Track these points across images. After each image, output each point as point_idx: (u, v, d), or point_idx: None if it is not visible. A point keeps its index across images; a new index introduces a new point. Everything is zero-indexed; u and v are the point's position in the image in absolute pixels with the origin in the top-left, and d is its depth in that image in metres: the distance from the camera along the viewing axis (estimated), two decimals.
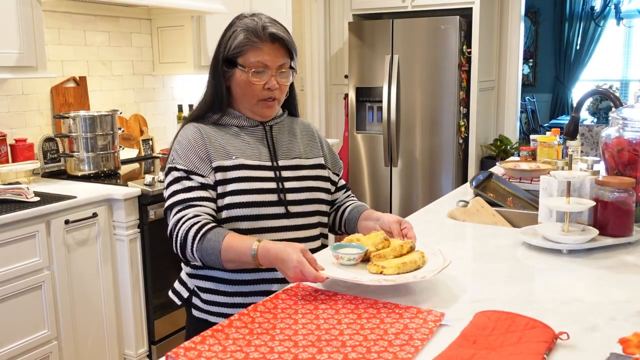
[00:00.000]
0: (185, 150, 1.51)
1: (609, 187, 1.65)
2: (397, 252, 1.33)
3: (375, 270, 1.28)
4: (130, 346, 2.67)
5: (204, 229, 1.41)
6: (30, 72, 2.51)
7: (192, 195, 1.46)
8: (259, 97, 1.53)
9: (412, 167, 4.86)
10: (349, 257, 1.31)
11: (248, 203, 1.48)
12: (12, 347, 2.20)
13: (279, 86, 1.53)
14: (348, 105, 5.06)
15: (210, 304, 1.55)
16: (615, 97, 2.15)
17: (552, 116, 8.69)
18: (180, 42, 3.39)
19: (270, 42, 1.50)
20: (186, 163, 1.49)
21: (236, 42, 1.51)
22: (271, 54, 1.50)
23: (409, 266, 1.28)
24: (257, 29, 1.50)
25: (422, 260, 1.32)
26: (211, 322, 1.53)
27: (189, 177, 1.48)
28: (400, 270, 1.27)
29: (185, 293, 1.61)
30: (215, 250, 1.39)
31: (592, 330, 1.13)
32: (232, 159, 1.51)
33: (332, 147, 1.76)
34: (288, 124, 1.66)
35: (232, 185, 1.49)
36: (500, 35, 5.04)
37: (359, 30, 4.88)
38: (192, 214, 1.44)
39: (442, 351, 1.03)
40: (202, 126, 1.55)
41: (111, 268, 2.58)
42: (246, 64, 1.51)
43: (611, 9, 8.04)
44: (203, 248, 1.40)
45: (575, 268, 1.51)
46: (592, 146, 5.71)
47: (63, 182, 2.79)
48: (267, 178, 1.53)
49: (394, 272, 1.26)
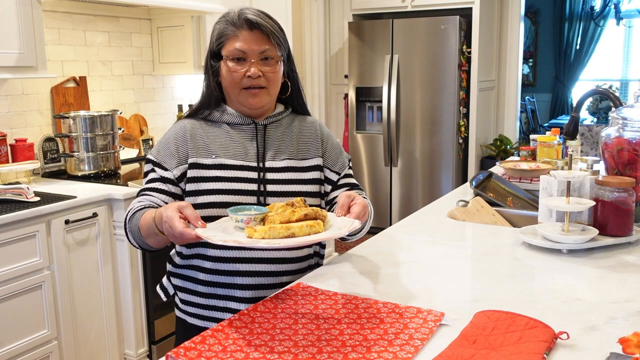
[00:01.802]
0: (162, 143, 1.50)
1: (609, 187, 1.65)
2: (284, 217, 1.20)
3: (248, 234, 1.16)
4: (130, 346, 2.67)
5: (133, 211, 1.40)
6: (31, 72, 2.51)
7: (148, 186, 1.46)
8: (241, 85, 1.47)
9: (412, 167, 4.86)
10: (237, 219, 1.20)
11: (222, 204, 1.43)
12: (12, 346, 2.20)
13: (263, 74, 1.46)
14: (348, 105, 5.07)
15: (187, 304, 1.52)
16: (615, 97, 2.15)
17: (552, 116, 8.69)
18: (180, 42, 3.39)
19: (248, 29, 1.45)
20: (157, 155, 1.49)
21: (216, 34, 1.50)
22: (248, 40, 1.45)
23: (278, 232, 1.14)
24: (234, 17, 1.47)
25: (308, 229, 1.16)
26: (189, 323, 1.51)
27: (153, 169, 1.48)
28: (265, 235, 1.14)
29: (172, 290, 1.58)
30: (136, 227, 1.37)
31: (592, 329, 1.14)
32: (212, 158, 1.47)
33: (341, 147, 1.66)
34: (287, 123, 1.58)
35: (207, 185, 1.45)
36: (500, 35, 5.04)
37: (359, 30, 4.88)
38: (139, 201, 1.43)
39: (442, 351, 1.03)
40: (192, 122, 1.52)
41: (111, 268, 2.58)
42: (226, 54, 1.47)
43: (611, 9, 8.05)
44: (131, 228, 1.39)
45: (575, 268, 1.51)
46: (592, 146, 5.71)
47: (63, 182, 2.79)
48: (249, 179, 1.47)
49: (258, 237, 1.14)
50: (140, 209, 1.40)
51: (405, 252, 1.67)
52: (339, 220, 1.25)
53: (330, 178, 1.59)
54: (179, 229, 1.16)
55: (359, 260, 1.57)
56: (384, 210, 5.01)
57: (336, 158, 1.62)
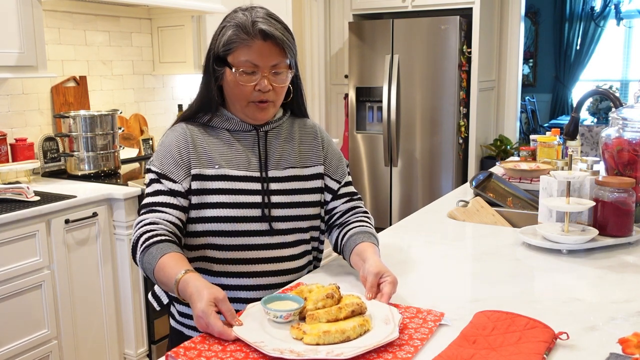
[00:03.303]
0: (164, 152, 1.41)
1: (609, 187, 1.65)
2: (332, 315, 1.11)
3: (296, 335, 1.07)
4: (130, 346, 2.67)
5: (150, 241, 1.30)
6: (31, 72, 2.51)
7: (157, 200, 1.37)
8: (250, 99, 1.40)
9: (412, 167, 4.86)
10: (276, 315, 1.13)
11: (228, 218, 1.38)
12: (12, 346, 2.20)
13: (273, 88, 1.39)
14: (348, 105, 5.07)
15: (184, 316, 1.47)
16: (615, 97, 2.15)
17: (552, 116, 8.69)
18: (181, 41, 3.40)
19: (262, 39, 1.35)
20: (161, 166, 1.40)
21: (225, 39, 1.38)
22: (262, 52, 1.36)
23: (333, 336, 1.05)
24: (247, 24, 1.35)
25: (360, 329, 1.08)
26: (186, 335, 1.46)
27: (159, 180, 1.39)
28: (319, 341, 1.05)
29: (166, 299, 1.52)
30: (150, 267, 1.28)
31: (591, 330, 1.14)
32: (215, 168, 1.40)
33: (341, 153, 1.60)
34: (287, 128, 1.52)
35: (211, 197, 1.38)
36: (500, 35, 5.04)
37: (359, 30, 4.88)
38: (150, 220, 1.35)
39: (442, 351, 1.03)
40: (191, 128, 1.44)
41: (111, 268, 2.58)
42: (235, 63, 1.37)
43: (611, 9, 8.05)
44: (144, 260, 1.31)
45: (575, 268, 1.51)
46: (592, 146, 5.71)
47: (63, 181, 2.79)
48: (253, 191, 1.41)
49: (312, 342, 1.05)
50: (156, 241, 1.29)
51: (405, 252, 1.67)
52: (376, 310, 1.18)
53: (330, 187, 1.54)
54: (218, 328, 1.08)
55: None
56: (384, 210, 5.01)
57: (337, 166, 1.56)
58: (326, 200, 1.54)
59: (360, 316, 1.12)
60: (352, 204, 1.57)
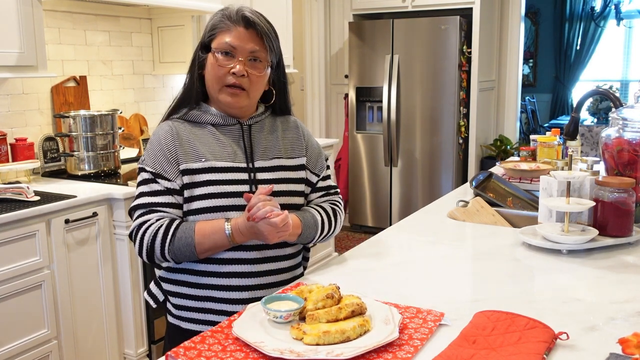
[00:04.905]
0: (155, 151, 1.45)
1: (609, 188, 1.65)
2: (332, 315, 1.11)
3: (296, 335, 1.08)
4: (130, 346, 2.67)
5: (170, 230, 1.38)
6: (31, 72, 2.51)
7: (157, 200, 1.42)
8: (224, 82, 1.44)
9: (412, 167, 4.87)
10: (276, 315, 1.13)
11: (217, 207, 1.41)
12: (12, 346, 2.20)
13: (248, 75, 1.44)
14: (348, 105, 5.07)
15: (181, 309, 1.48)
16: (615, 97, 2.15)
17: (552, 116, 8.69)
18: (181, 41, 3.39)
19: (244, 26, 1.43)
20: (154, 165, 1.44)
21: (210, 25, 1.48)
22: (241, 37, 1.43)
23: (333, 337, 1.05)
24: (232, 12, 1.45)
25: (360, 329, 1.08)
26: (183, 328, 1.48)
27: (155, 180, 1.43)
28: (319, 341, 1.05)
29: (161, 296, 1.55)
30: (189, 246, 1.37)
31: (591, 330, 1.14)
32: (202, 161, 1.43)
33: (320, 147, 1.65)
34: (270, 122, 1.57)
35: (200, 189, 1.42)
36: (501, 35, 5.04)
37: (359, 30, 4.88)
38: (155, 219, 1.40)
39: (442, 351, 1.03)
40: (176, 124, 1.48)
41: (111, 267, 2.58)
42: (215, 46, 1.45)
43: (611, 9, 8.05)
44: (176, 248, 1.38)
45: (575, 268, 1.51)
46: (592, 146, 5.71)
47: (63, 181, 2.79)
48: (240, 181, 1.44)
49: (312, 342, 1.05)
50: (177, 225, 1.39)
51: (405, 252, 1.68)
52: (376, 310, 1.18)
53: (310, 180, 1.58)
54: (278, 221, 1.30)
55: (358, 260, 1.57)
56: (384, 210, 5.01)
57: (316, 159, 1.60)
58: (305, 192, 1.58)
59: (360, 316, 1.13)
60: (327, 198, 1.61)
